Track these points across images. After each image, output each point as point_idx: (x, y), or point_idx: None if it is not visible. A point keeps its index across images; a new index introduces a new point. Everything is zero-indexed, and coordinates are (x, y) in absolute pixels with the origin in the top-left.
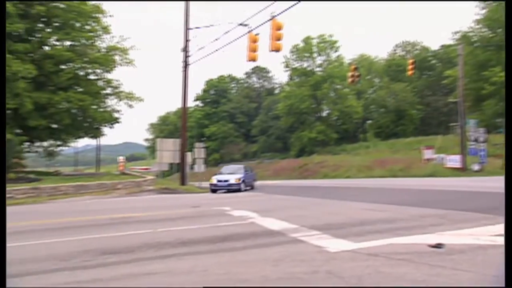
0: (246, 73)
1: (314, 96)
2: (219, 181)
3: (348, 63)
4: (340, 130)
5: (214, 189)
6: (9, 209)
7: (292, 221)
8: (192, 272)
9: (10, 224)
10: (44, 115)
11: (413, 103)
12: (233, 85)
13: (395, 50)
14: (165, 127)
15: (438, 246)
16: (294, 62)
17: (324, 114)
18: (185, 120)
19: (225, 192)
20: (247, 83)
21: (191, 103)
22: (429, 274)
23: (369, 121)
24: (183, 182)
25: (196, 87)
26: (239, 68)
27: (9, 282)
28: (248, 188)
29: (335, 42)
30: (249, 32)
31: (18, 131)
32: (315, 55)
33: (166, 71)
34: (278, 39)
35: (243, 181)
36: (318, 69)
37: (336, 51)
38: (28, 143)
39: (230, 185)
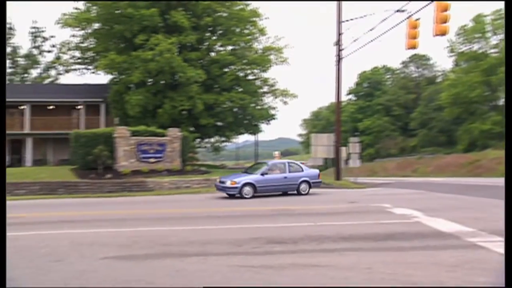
0: (403, 62)
1: (487, 82)
2: (220, 182)
3: None
4: None
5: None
6: (189, 197)
7: (466, 223)
8: (355, 268)
9: (196, 210)
10: (212, 114)
11: None
12: (388, 76)
13: None
14: (318, 122)
15: None
16: (461, 45)
17: (501, 102)
18: (339, 114)
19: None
20: (404, 73)
21: (343, 97)
22: None
23: None
24: (338, 177)
25: (348, 81)
26: (394, 58)
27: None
28: (266, 194)
29: None
30: (408, 17)
31: (191, 129)
32: (488, 34)
33: (318, 66)
34: (444, 21)
35: (247, 184)
36: (492, 50)
37: None
38: (199, 140)
39: (224, 188)
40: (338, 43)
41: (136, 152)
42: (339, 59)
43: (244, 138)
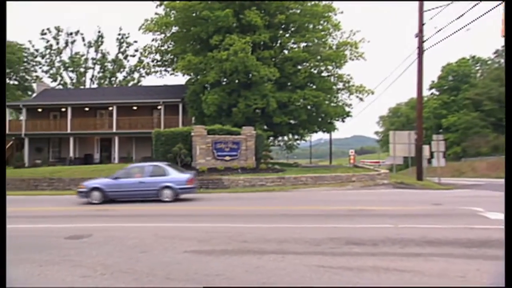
0: (496, 52)
1: None
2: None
3: None
4: None
5: None
6: (265, 195)
7: None
8: (445, 276)
9: (270, 208)
10: (285, 112)
11: None
12: (477, 68)
13: None
14: (396, 119)
15: None
16: None
17: None
18: (421, 110)
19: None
20: (497, 64)
21: (425, 92)
22: None
23: None
24: (419, 177)
25: (430, 75)
26: (484, 48)
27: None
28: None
29: None
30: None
31: (265, 127)
32: None
33: (396, 60)
34: None
35: (95, 189)
36: None
37: None
38: (272, 138)
39: (77, 192)
40: (420, 34)
41: (212, 150)
42: (420, 51)
43: (318, 136)
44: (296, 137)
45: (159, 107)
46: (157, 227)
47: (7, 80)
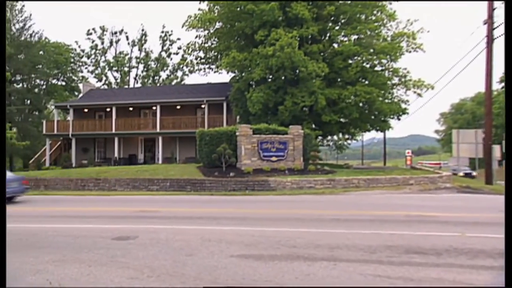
0: None
1: None
2: None
3: None
4: None
5: None
6: (314, 198)
7: None
8: None
9: (321, 212)
10: (335, 110)
11: None
12: None
13: None
14: (460, 117)
15: None
16: None
17: None
18: (490, 106)
19: None
20: None
21: (495, 85)
22: None
23: None
24: (489, 181)
25: (501, 66)
26: None
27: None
28: None
29: None
30: None
31: (313, 126)
32: None
33: (461, 51)
34: None
35: None
36: None
37: None
38: (321, 137)
39: None
40: (489, 20)
41: (258, 151)
42: (490, 40)
43: (371, 136)
44: (346, 136)
45: (202, 106)
46: (202, 230)
47: (56, 81)
